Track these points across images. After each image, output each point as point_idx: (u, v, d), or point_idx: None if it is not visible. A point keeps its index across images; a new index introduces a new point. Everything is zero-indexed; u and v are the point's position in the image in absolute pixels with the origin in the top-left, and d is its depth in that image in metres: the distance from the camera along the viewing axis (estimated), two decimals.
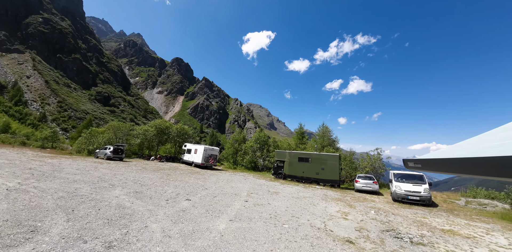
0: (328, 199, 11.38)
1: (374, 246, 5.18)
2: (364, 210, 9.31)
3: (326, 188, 16.16)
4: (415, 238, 6.06)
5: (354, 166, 22.80)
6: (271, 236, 5.00)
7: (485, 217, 10.04)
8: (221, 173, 19.27)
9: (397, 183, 13.27)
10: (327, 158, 18.46)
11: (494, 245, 6.05)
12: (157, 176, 13.21)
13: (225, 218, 6.09)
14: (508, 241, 6.50)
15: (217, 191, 10.21)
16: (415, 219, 8.52)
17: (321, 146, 26.42)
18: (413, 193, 12.29)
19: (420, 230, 6.99)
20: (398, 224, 7.58)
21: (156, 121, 31.03)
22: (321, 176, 18.01)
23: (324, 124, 29.10)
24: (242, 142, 30.13)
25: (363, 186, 15.79)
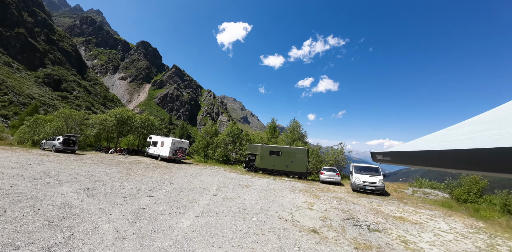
0: (296, 190, 11.80)
1: (336, 235, 5.46)
2: (328, 200, 9.88)
3: (294, 180, 16.80)
4: (372, 225, 6.61)
5: (320, 159, 24.18)
6: (238, 231, 4.86)
7: (428, 205, 11.60)
8: (191, 167, 18.50)
9: (356, 175, 14.46)
10: (296, 152, 19.13)
11: (437, 230, 6.95)
12: (115, 170, 11.98)
13: (191, 214, 5.74)
14: (449, 226, 7.55)
15: (184, 185, 9.68)
16: (371, 207, 9.36)
17: (291, 140, 27.31)
18: (369, 183, 13.53)
19: (375, 218, 7.67)
20: (357, 212, 8.21)
21: (117, 110, 28.01)
22: (290, 169, 18.65)
23: (295, 120, 30.01)
24: (214, 135, 29.34)
25: (327, 178, 16.86)
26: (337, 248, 4.58)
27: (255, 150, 20.01)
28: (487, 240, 6.27)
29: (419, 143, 1.62)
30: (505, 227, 7.77)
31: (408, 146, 1.54)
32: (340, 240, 5.13)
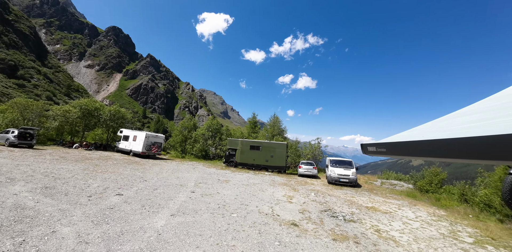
0: (276, 184, 11.90)
1: (315, 227, 5.56)
2: (306, 193, 10.12)
3: (274, 174, 16.99)
4: (347, 216, 6.88)
5: (298, 153, 24.84)
6: (218, 228, 4.65)
7: (396, 195, 12.54)
8: (167, 163, 17.65)
9: (332, 168, 15.10)
10: (276, 146, 19.33)
11: (405, 218, 7.49)
12: (80, 167, 10.87)
13: (165, 213, 5.36)
14: (415, 215, 8.19)
15: (159, 182, 9.12)
16: (346, 199, 9.80)
17: (272, 135, 27.54)
18: (344, 176, 14.22)
19: (350, 208, 8.03)
20: (333, 204, 8.51)
21: (82, 101, 25.38)
22: (270, 163, 18.83)
23: (275, 115, 30.24)
24: (192, 129, 28.33)
25: (305, 171, 17.38)
26: (317, 241, 4.63)
27: (235, 144, 19.76)
28: (448, 227, 6.92)
29: (415, 133, 1.54)
30: (463, 214, 8.70)
31: (404, 137, 1.44)
32: (319, 232, 5.22)
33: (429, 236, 5.79)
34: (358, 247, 4.61)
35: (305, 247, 4.22)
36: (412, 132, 1.60)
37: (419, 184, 13.80)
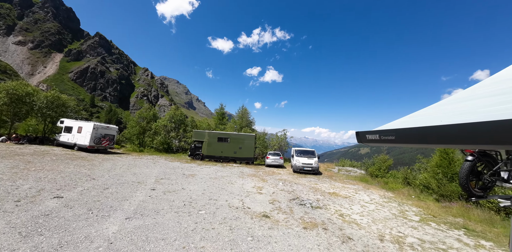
0: (244, 175, 11.78)
1: (286, 216, 5.58)
2: (274, 183, 10.28)
3: (242, 166, 16.89)
4: (314, 203, 7.18)
5: (265, 145, 25.27)
6: (184, 229, 4.19)
7: (351, 180, 13.80)
8: (121, 157, 15.77)
9: (297, 157, 15.80)
10: (244, 138, 19.16)
11: (362, 201, 8.20)
12: (6, 164, 8.76)
13: (119, 216, 4.61)
14: (369, 198, 9.05)
15: (111, 180, 7.97)
16: (310, 186, 10.30)
17: (240, 127, 27.23)
18: (307, 165, 15.03)
19: (315, 195, 8.43)
20: (300, 192, 8.82)
21: (9, 84, 20.42)
22: (238, 155, 18.65)
23: (244, 107, 29.84)
24: (152, 120, 25.90)
25: (272, 162, 17.81)
26: (289, 231, 4.62)
27: (201, 136, 18.84)
28: (398, 207, 7.85)
29: (422, 119, 1.37)
30: (407, 195, 10.04)
31: (414, 122, 1.26)
32: (290, 221, 5.24)
33: (384, 217, 6.44)
34: (327, 233, 4.77)
35: (278, 239, 4.14)
36: (415, 118, 1.45)
37: (370, 170, 15.54)
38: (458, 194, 8.78)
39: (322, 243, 4.23)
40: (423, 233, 5.40)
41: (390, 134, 1.24)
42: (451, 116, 1.19)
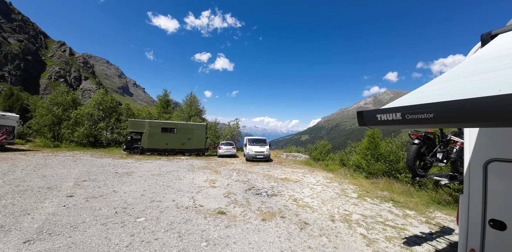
0: (195, 168, 10.85)
1: (243, 210, 5.24)
2: (228, 174, 9.84)
3: (192, 158, 15.67)
4: (269, 191, 7.13)
5: (217, 135, 24.38)
6: (114, 247, 3.18)
7: (298, 165, 14.79)
8: (26, 156, 12.01)
9: (250, 146, 15.84)
10: (194, 128, 17.76)
11: (310, 184, 8.73)
12: None
13: (13, 240, 3.19)
14: (315, 180, 9.75)
15: (6, 188, 5.73)
16: (264, 174, 10.39)
17: (188, 116, 25.15)
18: (260, 153, 15.27)
19: (269, 182, 8.47)
20: (255, 181, 8.70)
21: None
22: (187, 146, 17.22)
23: (192, 94, 27.57)
24: (71, 108, 20.77)
25: (225, 152, 17.30)
26: (247, 226, 4.28)
27: (140, 127, 16.30)
28: (339, 186, 8.72)
29: (433, 93, 1.05)
30: (343, 175, 11.37)
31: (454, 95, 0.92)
32: (248, 214, 4.93)
33: (330, 197, 6.98)
34: (285, 221, 4.70)
35: (237, 239, 3.73)
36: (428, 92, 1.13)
37: (313, 154, 17.11)
38: (383, 171, 10.53)
39: (282, 233, 4.09)
40: (363, 208, 6.08)
41: (425, 110, 0.88)
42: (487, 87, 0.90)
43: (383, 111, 1.07)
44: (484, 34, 2.37)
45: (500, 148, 2.23)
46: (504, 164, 2.20)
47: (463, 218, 2.45)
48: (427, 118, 0.90)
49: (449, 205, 6.82)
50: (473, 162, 2.43)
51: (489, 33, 2.32)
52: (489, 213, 2.26)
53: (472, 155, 2.45)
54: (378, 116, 1.10)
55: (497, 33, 2.24)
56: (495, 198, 2.23)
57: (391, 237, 4.39)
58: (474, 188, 2.41)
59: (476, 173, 2.38)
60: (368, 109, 1.17)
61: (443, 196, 7.31)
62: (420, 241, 4.30)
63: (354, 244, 3.96)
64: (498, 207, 2.20)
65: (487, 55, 1.71)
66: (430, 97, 1.05)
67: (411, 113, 0.96)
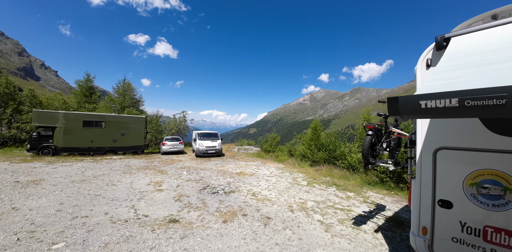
0: (133, 170, 9.21)
1: (200, 213, 4.64)
2: (177, 173, 8.81)
3: (127, 157, 13.36)
4: (226, 188, 6.70)
5: (160, 129, 21.77)
6: None
7: (251, 157, 14.86)
8: None
9: (200, 141, 14.81)
10: (129, 121, 15.14)
11: (265, 176, 8.76)
12: None
13: None
14: (269, 171, 9.90)
15: None
16: (218, 169, 9.84)
17: (121, 106, 21.32)
18: (211, 147, 14.52)
19: (225, 178, 8.03)
20: (209, 178, 8.07)
21: None
22: (121, 143, 14.57)
23: (126, 80, 23.39)
24: None
25: (170, 148, 15.60)
26: (208, 232, 3.77)
27: (52, 120, 12.64)
28: (290, 176, 9.12)
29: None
30: (292, 164, 12.05)
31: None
32: (206, 218, 4.38)
33: (285, 187, 7.18)
34: (248, 219, 4.42)
35: (197, 250, 3.18)
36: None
37: (264, 147, 17.63)
38: (324, 159, 11.73)
39: (247, 234, 3.79)
40: (314, 195, 6.49)
41: (495, 96, 0.66)
42: None
43: (431, 96, 0.84)
44: (438, 36, 2.59)
45: (447, 138, 2.52)
46: (450, 152, 2.49)
47: (416, 200, 2.72)
48: (497, 105, 0.71)
49: (376, 185, 8.12)
50: (424, 150, 2.69)
51: (443, 36, 2.55)
52: (438, 194, 2.54)
53: (424, 144, 2.71)
54: (422, 103, 0.87)
55: (450, 36, 2.47)
56: (443, 181, 2.52)
57: (342, 219, 4.78)
58: (425, 173, 2.68)
59: (427, 159, 2.65)
60: (406, 95, 0.93)
61: (372, 177, 8.68)
62: (364, 219, 4.86)
63: (315, 232, 4.08)
64: (446, 188, 2.50)
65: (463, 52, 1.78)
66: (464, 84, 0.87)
67: (474, 99, 0.75)
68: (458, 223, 2.40)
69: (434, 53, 2.71)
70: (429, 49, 2.77)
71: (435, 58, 2.71)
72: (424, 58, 2.78)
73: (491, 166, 2.26)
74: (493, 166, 2.25)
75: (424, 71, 2.78)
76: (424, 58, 2.78)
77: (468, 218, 2.37)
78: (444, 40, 2.53)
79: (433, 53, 2.73)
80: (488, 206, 2.26)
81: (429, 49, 2.76)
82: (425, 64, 2.76)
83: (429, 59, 2.73)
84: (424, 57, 2.81)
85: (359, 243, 3.76)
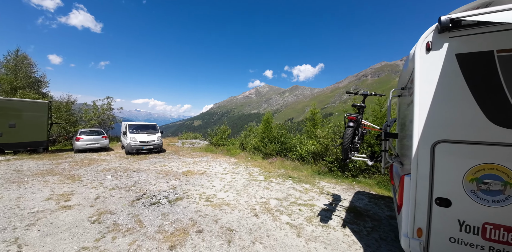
0: (25, 177, 6.37)
1: (132, 239, 3.25)
2: (97, 178, 6.62)
3: (20, 157, 9.49)
4: (171, 195, 5.33)
5: (73, 119, 16.90)
6: None
7: (198, 152, 13.34)
8: None
9: (132, 135, 12.24)
10: (24, 107, 10.83)
11: (219, 174, 7.70)
12: None
13: None
14: (222, 167, 8.86)
15: None
16: (158, 170, 8.10)
17: (11, 87, 15.21)
18: (148, 142, 12.21)
19: (168, 182, 6.54)
20: (145, 182, 6.38)
21: None
22: (9, 139, 10.29)
23: (21, 53, 16.71)
24: None
25: (88, 144, 12.19)
26: None
27: None
28: (245, 171, 8.41)
29: None
30: (245, 158, 11.42)
31: None
32: (144, 246, 3.07)
33: (243, 185, 6.42)
34: (205, 237, 3.39)
35: None
36: None
37: (214, 140, 16.33)
38: (276, 151, 11.66)
39: None
40: (274, 191, 6.01)
41: None
42: None
43: None
44: (443, 17, 2.26)
45: (447, 130, 2.26)
46: (450, 145, 2.23)
47: (410, 199, 2.42)
48: None
49: (326, 174, 8.47)
50: (422, 144, 2.40)
51: (449, 17, 2.22)
52: (435, 192, 2.29)
53: (421, 136, 2.41)
54: None
55: (459, 17, 2.15)
56: (441, 177, 2.27)
57: (309, 217, 4.44)
58: (422, 169, 2.41)
59: (424, 154, 2.36)
60: None
61: (321, 167, 9.05)
62: (328, 214, 4.67)
63: (288, 240, 3.51)
64: (444, 185, 2.25)
65: None
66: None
67: None
68: (457, 222, 2.20)
69: (436, 36, 2.41)
70: (429, 31, 2.46)
71: (436, 41, 2.40)
72: (424, 41, 2.46)
73: (492, 160, 2.11)
74: (494, 160, 2.10)
75: (423, 55, 2.45)
76: (424, 41, 2.45)
77: (467, 216, 2.18)
78: (451, 22, 2.22)
79: (435, 36, 2.42)
80: (488, 202, 2.11)
81: (430, 31, 2.45)
82: (425, 48, 2.43)
83: (429, 42, 2.39)
84: (424, 40, 2.50)
85: (335, 246, 3.41)
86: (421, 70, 2.46)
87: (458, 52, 2.30)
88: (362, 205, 5.32)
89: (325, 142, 9.57)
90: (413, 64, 2.60)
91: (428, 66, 2.43)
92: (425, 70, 2.44)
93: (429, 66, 2.43)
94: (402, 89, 3.36)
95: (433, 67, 2.41)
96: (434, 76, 2.40)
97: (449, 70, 2.33)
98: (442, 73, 2.36)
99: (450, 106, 2.29)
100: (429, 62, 2.43)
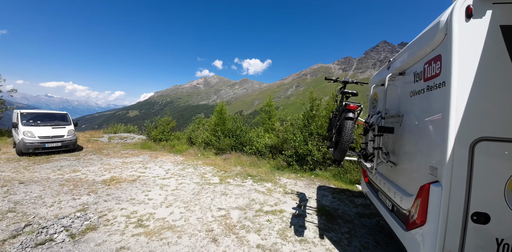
0: None
1: None
2: None
3: None
4: (77, 222, 3.42)
5: None
6: None
7: (131, 150, 10.69)
8: None
9: (26, 128, 8.75)
10: None
11: (159, 179, 5.92)
12: None
13: None
14: (164, 170, 7.02)
15: None
16: (62, 179, 5.64)
17: None
18: (53, 138, 8.96)
19: (77, 199, 4.42)
20: (34, 203, 4.10)
21: None
22: None
23: None
24: None
25: None
26: None
27: None
28: (195, 172, 6.91)
29: None
30: (194, 155, 9.74)
31: None
32: None
33: (193, 194, 5.01)
34: None
35: None
36: None
37: (154, 134, 13.66)
38: (231, 146, 10.49)
39: None
40: (234, 197, 4.91)
41: None
42: None
43: None
44: None
45: (489, 124, 1.74)
46: (493, 144, 1.63)
47: (440, 215, 1.77)
48: None
49: (285, 169, 7.95)
50: (458, 142, 1.72)
51: None
52: (472, 205, 1.66)
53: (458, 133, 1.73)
54: None
55: None
56: (481, 186, 1.66)
57: (282, 230, 3.58)
58: (457, 176, 1.73)
59: (461, 155, 1.71)
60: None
61: (280, 162, 8.51)
62: (301, 221, 3.94)
63: None
64: (483, 196, 1.68)
65: None
66: None
67: None
68: (494, 241, 1.63)
69: (477, 0, 1.75)
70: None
71: (478, 7, 1.74)
72: (463, 5, 1.75)
73: None
74: None
75: (462, 24, 1.75)
76: (463, 4, 1.74)
77: (506, 234, 1.64)
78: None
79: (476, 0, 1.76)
80: None
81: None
82: (464, 14, 1.73)
83: (471, 6, 1.70)
84: (463, 3, 1.78)
85: None
86: (460, 44, 1.76)
87: (504, 23, 1.70)
88: (329, 203, 4.90)
89: (284, 135, 9.04)
90: (442, 37, 1.88)
91: (469, 39, 1.76)
92: (466, 45, 1.76)
93: (470, 39, 1.76)
94: (400, 74, 2.75)
95: (475, 42, 1.75)
96: (475, 54, 1.75)
97: (493, 46, 1.71)
98: (485, 51, 1.73)
99: (494, 94, 1.70)
100: (470, 33, 1.76)
